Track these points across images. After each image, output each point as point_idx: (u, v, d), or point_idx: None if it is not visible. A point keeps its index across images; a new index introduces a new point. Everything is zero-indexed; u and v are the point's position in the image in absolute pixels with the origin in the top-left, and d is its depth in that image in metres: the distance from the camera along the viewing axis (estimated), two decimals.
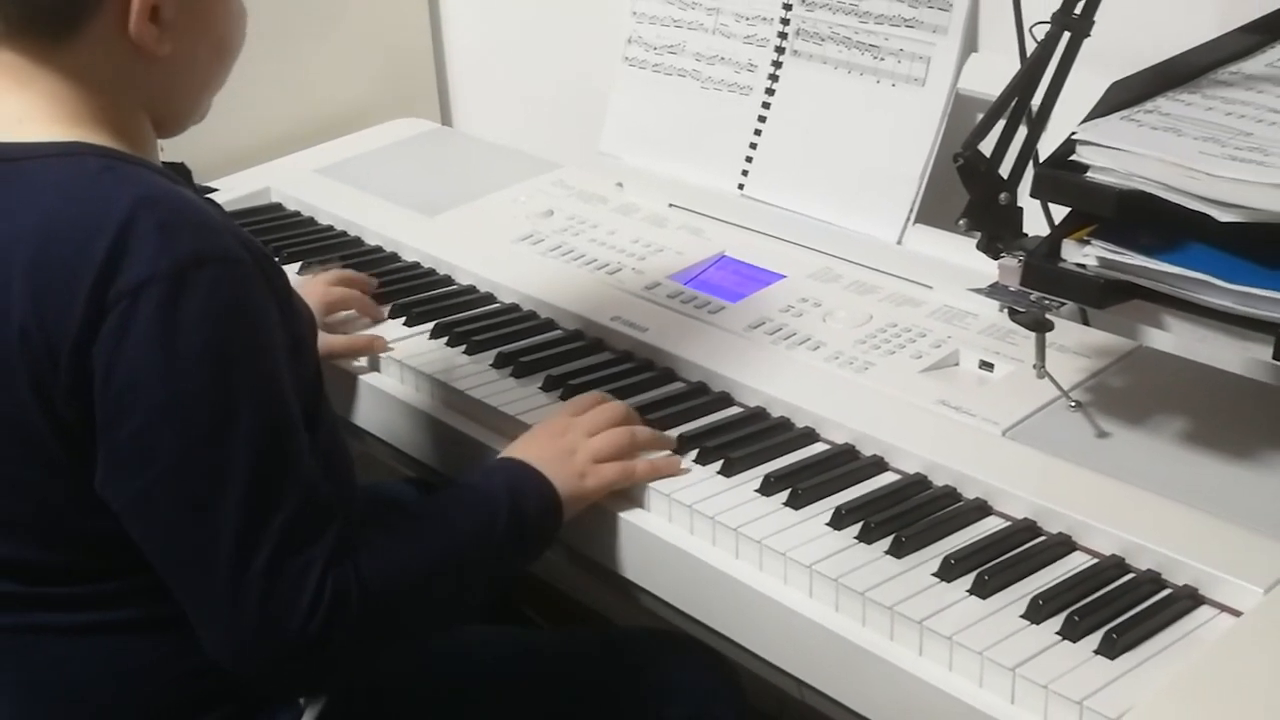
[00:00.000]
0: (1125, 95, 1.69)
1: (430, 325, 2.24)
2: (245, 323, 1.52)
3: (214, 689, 1.64)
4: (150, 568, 1.56)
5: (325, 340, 2.10)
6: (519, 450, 1.81)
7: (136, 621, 1.61)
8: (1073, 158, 1.62)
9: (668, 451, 1.86)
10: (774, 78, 2.44)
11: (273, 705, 1.69)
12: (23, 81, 1.57)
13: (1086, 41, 1.72)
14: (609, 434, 1.83)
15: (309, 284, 2.24)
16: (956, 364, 2.00)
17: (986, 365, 1.98)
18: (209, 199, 1.69)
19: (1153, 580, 1.59)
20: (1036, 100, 1.75)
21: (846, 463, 1.84)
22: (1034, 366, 1.85)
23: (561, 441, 1.82)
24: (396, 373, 2.16)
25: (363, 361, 2.19)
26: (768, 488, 1.79)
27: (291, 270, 2.41)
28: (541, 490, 1.74)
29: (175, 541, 1.52)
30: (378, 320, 2.26)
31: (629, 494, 1.82)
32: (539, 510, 1.73)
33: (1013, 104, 1.73)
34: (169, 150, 1.69)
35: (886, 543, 1.66)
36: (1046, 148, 1.69)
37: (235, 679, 1.60)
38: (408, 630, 1.65)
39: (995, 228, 1.71)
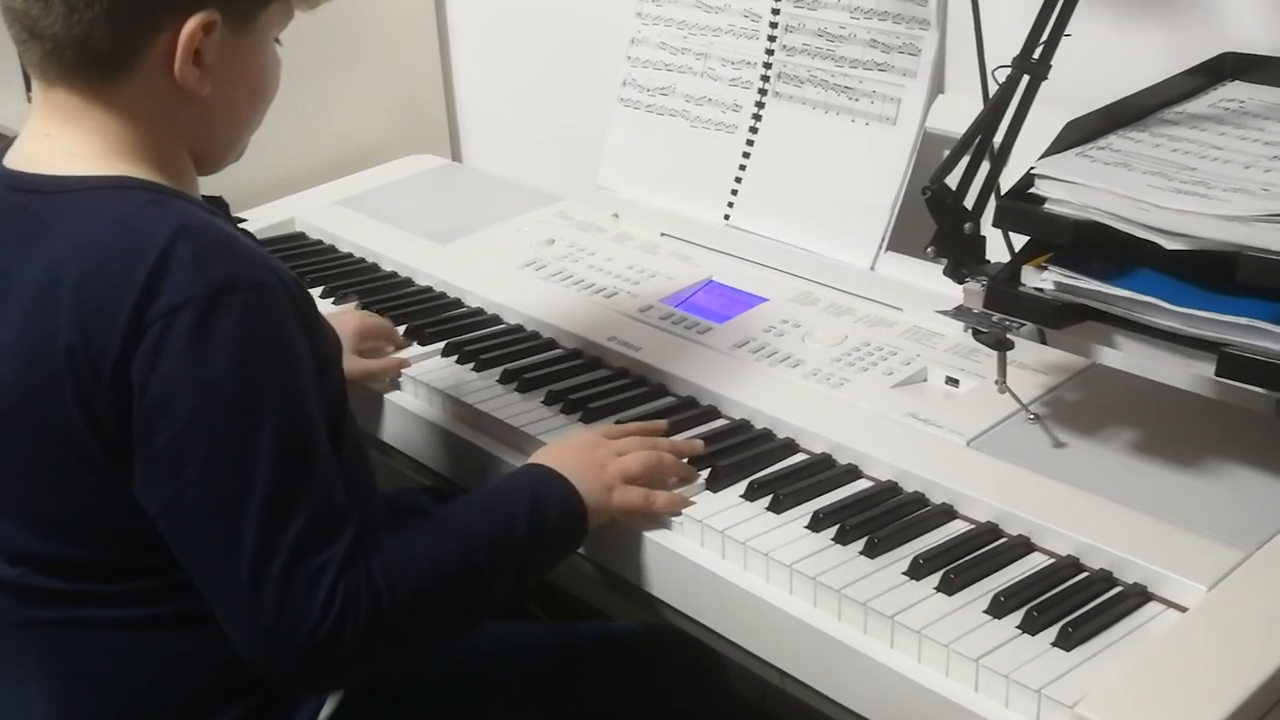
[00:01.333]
0: (1080, 133, 1.70)
1: (442, 344, 2.23)
2: (272, 344, 1.52)
3: (241, 681, 1.63)
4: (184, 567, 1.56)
5: (362, 363, 2.12)
6: (548, 456, 1.80)
7: (172, 617, 1.61)
8: (1031, 190, 1.62)
9: (697, 479, 1.84)
10: (757, 117, 2.44)
11: (296, 696, 1.69)
12: (75, 119, 1.58)
13: (1044, 84, 1.72)
14: (639, 455, 1.80)
15: (344, 313, 2.26)
16: (925, 380, 2.00)
17: (952, 381, 1.97)
18: (244, 230, 1.69)
19: (1105, 579, 1.59)
20: (998, 138, 1.75)
21: (824, 471, 1.84)
22: (996, 382, 1.85)
23: (593, 454, 1.79)
24: (411, 388, 2.16)
25: (384, 380, 2.20)
26: (751, 493, 1.79)
27: (314, 293, 2.41)
28: (566, 495, 1.72)
29: (202, 544, 1.52)
30: (401, 346, 2.26)
31: None
32: (561, 514, 1.71)
33: (976, 141, 1.73)
34: (204, 184, 1.70)
35: (860, 544, 1.67)
36: (1007, 181, 1.69)
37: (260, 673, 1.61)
38: (428, 630, 1.62)
39: (960, 255, 1.71)
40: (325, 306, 2.37)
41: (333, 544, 1.51)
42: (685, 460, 1.85)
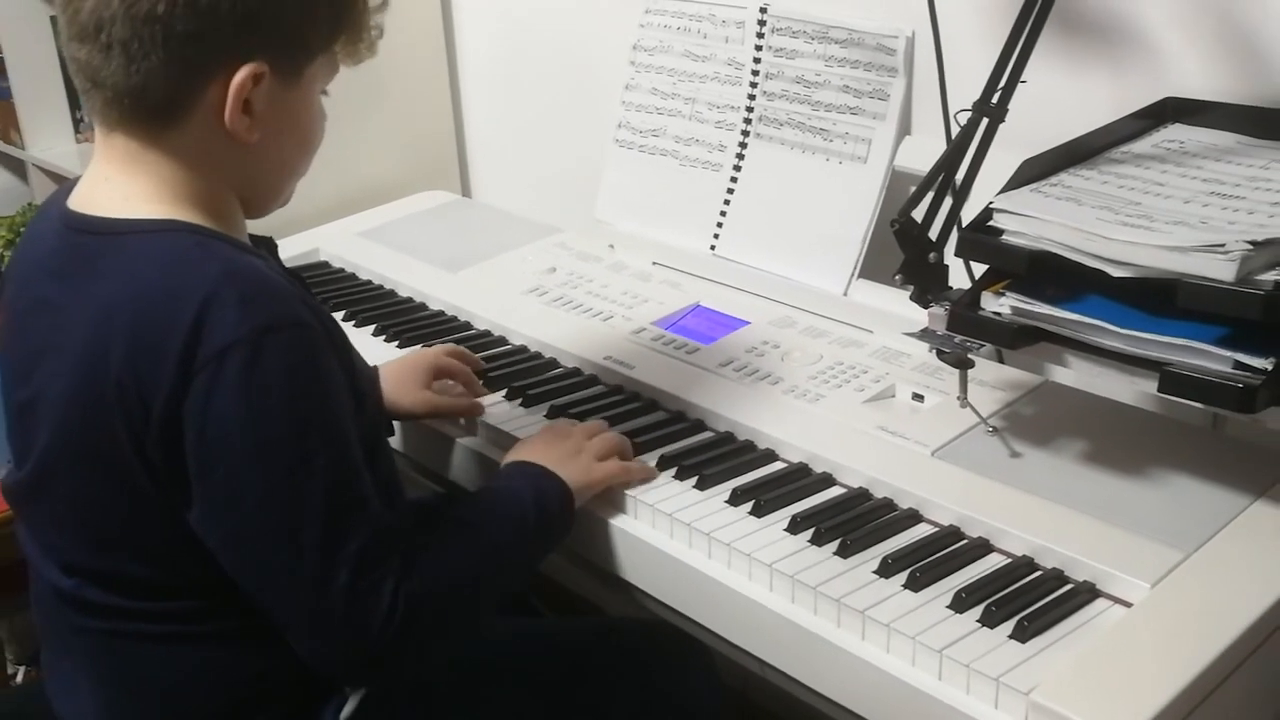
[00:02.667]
0: (1034, 171, 1.70)
1: None
2: (315, 380, 1.51)
3: (274, 688, 1.65)
4: (229, 586, 1.56)
5: (430, 399, 2.07)
6: (529, 453, 1.82)
7: (213, 634, 1.61)
8: (990, 223, 1.63)
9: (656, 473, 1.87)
10: (740, 156, 2.44)
11: (325, 692, 1.69)
12: (132, 163, 1.57)
13: (1001, 126, 1.73)
14: (604, 437, 1.86)
15: (427, 348, 2.21)
16: (893, 396, 2.00)
17: (918, 397, 1.97)
18: (288, 269, 1.70)
19: (1057, 577, 1.59)
20: (960, 175, 1.75)
21: (801, 478, 1.84)
22: (958, 398, 1.85)
23: (566, 444, 1.83)
24: None
25: (461, 423, 2.11)
26: (735, 499, 1.79)
27: (336, 316, 2.40)
28: (559, 488, 1.75)
29: (265, 569, 1.52)
30: (478, 394, 2.14)
31: (620, 504, 1.83)
32: (559, 505, 1.75)
33: (940, 178, 1.73)
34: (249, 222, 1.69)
35: (834, 545, 1.67)
36: (968, 214, 1.69)
37: (293, 680, 1.63)
38: (468, 623, 1.66)
39: (926, 282, 1.72)
40: (378, 342, 2.41)
41: (388, 559, 1.52)
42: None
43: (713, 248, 2.48)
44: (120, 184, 1.58)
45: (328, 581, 1.49)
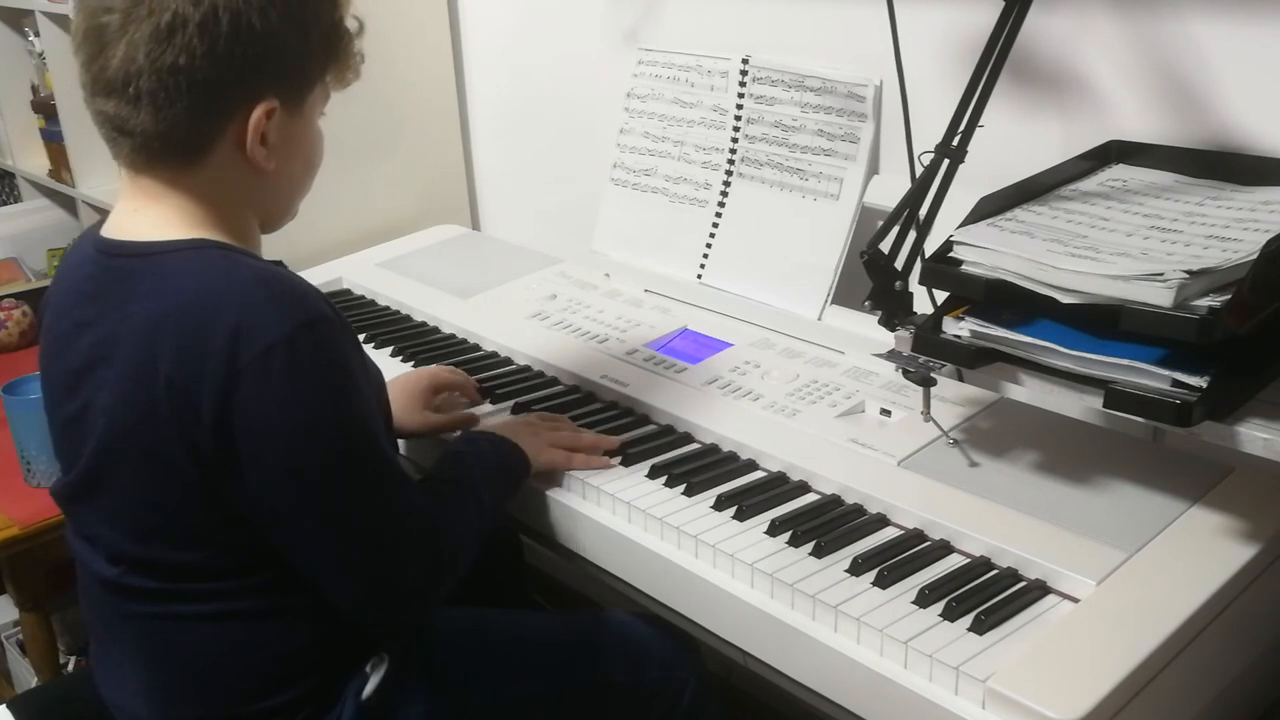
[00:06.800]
0: (991, 207, 1.70)
1: None
2: (344, 366, 1.55)
3: (304, 664, 1.67)
4: (261, 569, 1.60)
5: (428, 419, 2.09)
6: (497, 429, 1.93)
7: (247, 612, 1.63)
8: (951, 254, 1.62)
9: (617, 461, 1.94)
10: (724, 194, 2.45)
11: (347, 672, 1.71)
12: (158, 198, 1.61)
13: (961, 166, 1.73)
14: (563, 432, 1.96)
15: (422, 369, 2.21)
16: (863, 411, 2.00)
17: (885, 412, 1.97)
18: None
19: (1012, 575, 1.59)
20: (923, 211, 1.75)
21: (779, 486, 1.84)
22: (921, 413, 1.85)
23: (529, 426, 1.95)
24: None
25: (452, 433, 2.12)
26: (719, 505, 1.79)
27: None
28: (518, 452, 1.87)
29: (317, 536, 1.57)
30: (477, 402, 2.20)
31: (616, 508, 1.83)
32: (518, 465, 1.87)
33: (905, 214, 1.74)
34: (268, 249, 1.71)
35: (810, 546, 1.67)
36: (931, 246, 1.69)
37: (317, 659, 1.67)
38: (465, 563, 1.72)
39: (893, 308, 1.72)
40: (395, 362, 2.41)
41: (417, 512, 1.62)
42: (605, 451, 1.96)
43: (699, 276, 2.48)
44: (150, 213, 1.61)
45: (372, 539, 1.57)
